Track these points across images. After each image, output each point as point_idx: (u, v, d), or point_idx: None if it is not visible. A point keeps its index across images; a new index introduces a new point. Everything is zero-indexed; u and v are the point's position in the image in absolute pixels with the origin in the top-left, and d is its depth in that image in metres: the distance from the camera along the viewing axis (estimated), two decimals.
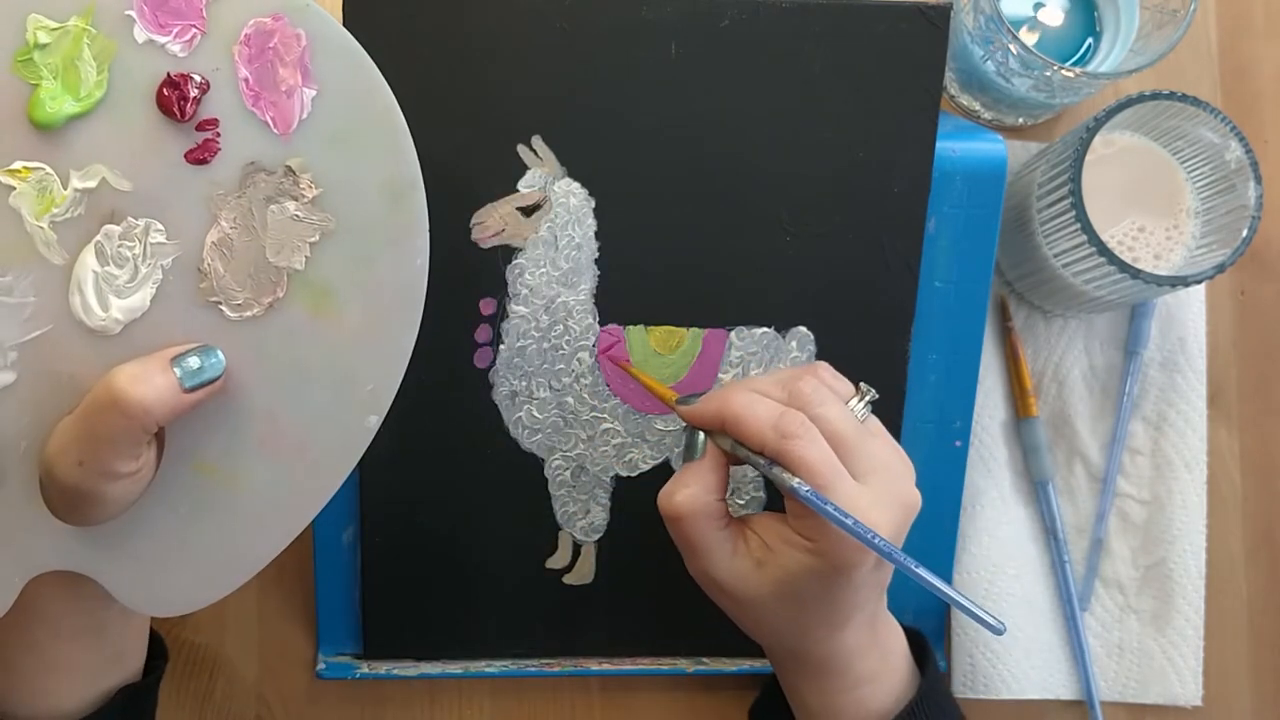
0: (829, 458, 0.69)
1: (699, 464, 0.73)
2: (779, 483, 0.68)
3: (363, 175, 0.66)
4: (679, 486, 0.72)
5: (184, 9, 0.63)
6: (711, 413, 0.72)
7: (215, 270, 0.65)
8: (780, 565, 0.70)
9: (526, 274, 0.84)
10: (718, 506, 0.72)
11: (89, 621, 0.71)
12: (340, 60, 0.65)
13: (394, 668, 0.90)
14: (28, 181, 0.62)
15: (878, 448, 0.72)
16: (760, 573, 0.71)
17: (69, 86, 0.62)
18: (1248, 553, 0.98)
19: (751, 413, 0.70)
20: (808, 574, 0.69)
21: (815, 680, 0.76)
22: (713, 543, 0.72)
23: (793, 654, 0.76)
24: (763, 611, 0.73)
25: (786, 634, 0.74)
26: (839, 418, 0.71)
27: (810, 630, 0.73)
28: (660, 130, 0.83)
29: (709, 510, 0.72)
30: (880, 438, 0.74)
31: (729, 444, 0.72)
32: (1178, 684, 0.95)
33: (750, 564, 0.71)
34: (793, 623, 0.73)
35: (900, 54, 0.83)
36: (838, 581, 0.69)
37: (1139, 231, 0.89)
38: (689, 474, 0.73)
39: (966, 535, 0.94)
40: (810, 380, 0.72)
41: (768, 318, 0.86)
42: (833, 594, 0.70)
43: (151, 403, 0.60)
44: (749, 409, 0.71)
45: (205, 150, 0.64)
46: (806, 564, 0.69)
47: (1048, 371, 0.96)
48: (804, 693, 0.77)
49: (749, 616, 0.74)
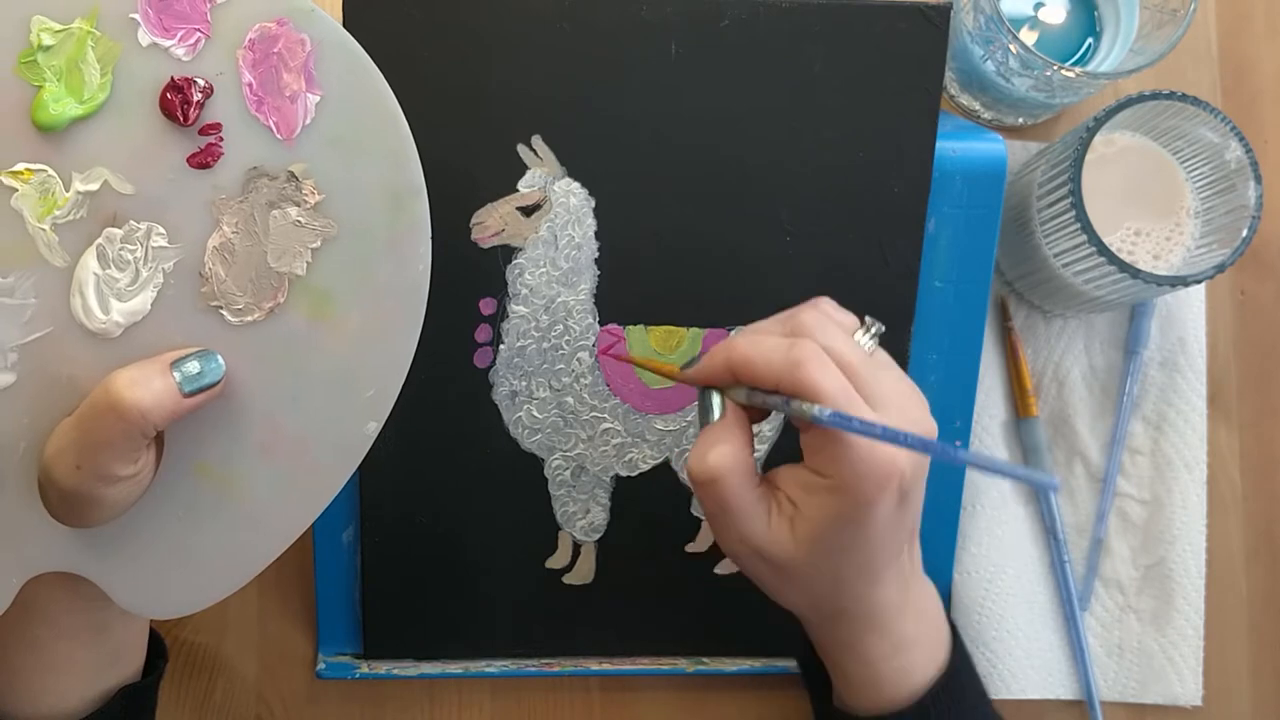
0: (843, 383, 0.66)
1: (721, 423, 0.71)
2: (800, 416, 0.65)
3: (366, 181, 0.66)
4: (708, 446, 0.69)
5: (188, 13, 0.63)
6: (719, 364, 0.70)
7: (216, 274, 0.65)
8: (808, 519, 0.68)
9: (526, 274, 0.84)
10: (749, 462, 0.70)
11: (89, 620, 0.71)
12: (344, 66, 0.65)
13: (394, 668, 0.90)
14: (30, 183, 0.62)
15: (889, 378, 0.70)
16: (794, 531, 0.69)
17: (72, 89, 0.62)
18: (1248, 552, 0.98)
19: (758, 351, 0.68)
20: (834, 519, 0.67)
21: (856, 646, 0.75)
22: (749, 504, 0.69)
23: (832, 618, 0.74)
24: (799, 574, 0.71)
25: (825, 594, 0.72)
26: (846, 348, 0.68)
27: (847, 584, 0.71)
28: (660, 130, 0.83)
29: (743, 467, 0.69)
30: (890, 369, 0.72)
31: (744, 394, 0.70)
32: (1178, 684, 0.95)
33: (786, 525, 0.69)
34: (830, 579, 0.71)
35: (900, 54, 0.83)
36: (863, 521, 0.67)
37: (1139, 231, 0.89)
38: (715, 434, 0.70)
39: (966, 535, 0.94)
40: (812, 313, 0.71)
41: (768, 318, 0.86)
42: (861, 538, 0.68)
43: (149, 407, 0.60)
44: (755, 348, 0.68)
45: (208, 154, 0.64)
46: (831, 507, 0.67)
47: (1048, 371, 0.97)
48: (846, 662, 0.76)
49: (785, 583, 0.72)
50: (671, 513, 0.89)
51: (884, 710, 0.76)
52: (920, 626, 0.76)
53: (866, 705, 0.77)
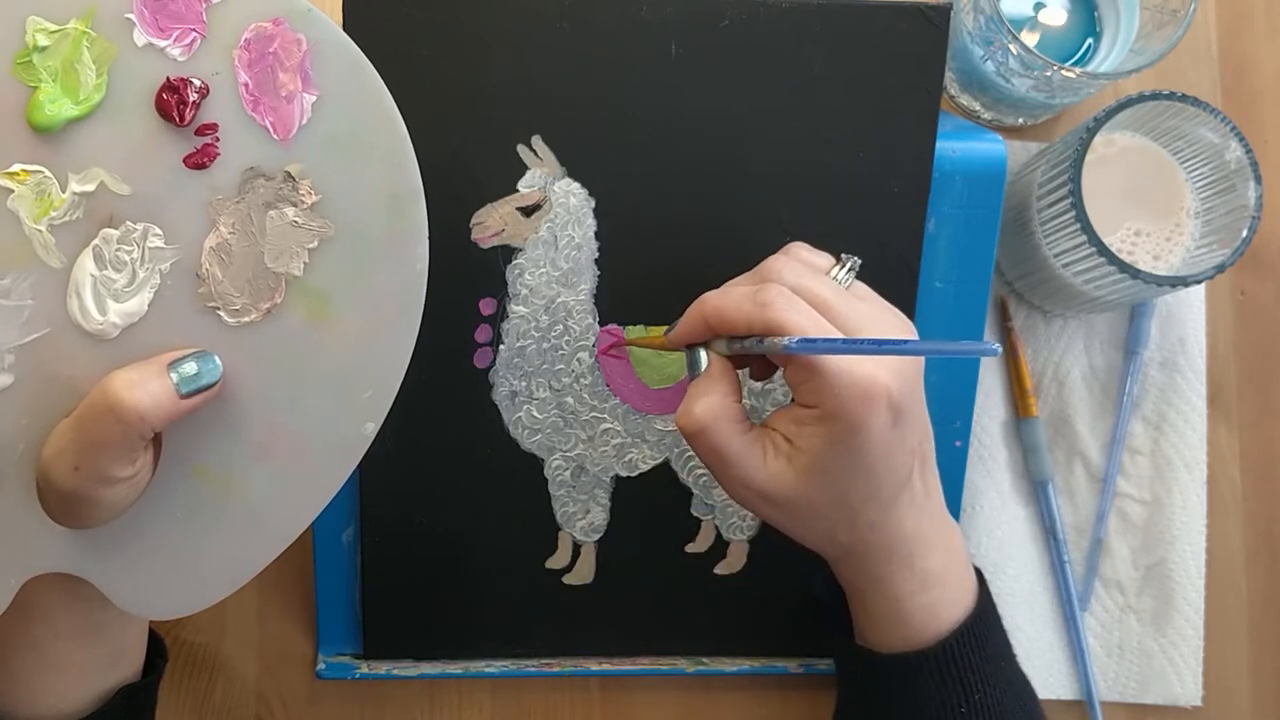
0: (813, 317, 0.68)
1: (704, 375, 0.73)
2: (772, 352, 0.68)
3: (363, 182, 0.66)
4: (693, 399, 0.71)
5: (184, 13, 0.63)
6: (695, 320, 0.72)
7: (213, 275, 0.65)
8: (804, 451, 0.69)
9: (526, 274, 0.84)
10: (736, 409, 0.71)
11: (88, 620, 0.71)
12: (341, 66, 0.65)
13: (394, 668, 0.90)
14: (26, 184, 0.62)
15: (864, 307, 0.72)
16: (793, 467, 0.70)
17: (68, 89, 0.62)
18: (1248, 553, 0.98)
19: (727, 300, 0.70)
20: (829, 447, 0.68)
21: (883, 580, 0.75)
22: (741, 448, 0.70)
23: (853, 550, 0.74)
24: (810, 509, 0.71)
25: (841, 526, 0.73)
26: (815, 284, 0.70)
27: (860, 512, 0.72)
28: (660, 130, 0.83)
29: (729, 414, 0.71)
30: (867, 299, 0.74)
31: (724, 345, 0.72)
32: (1178, 684, 0.95)
33: (783, 461, 0.70)
34: (842, 509, 0.71)
35: (900, 54, 0.83)
36: (858, 442, 0.68)
37: (1139, 232, 0.89)
38: (699, 386, 0.72)
39: (966, 535, 0.94)
40: (781, 258, 0.73)
41: None
42: (862, 461, 0.69)
43: (147, 408, 0.60)
44: (724, 298, 0.71)
45: (204, 155, 0.64)
46: (824, 435, 0.68)
47: (1048, 371, 0.96)
48: (871, 598, 0.77)
49: (798, 521, 0.73)
50: (671, 513, 0.89)
51: (909, 649, 0.76)
52: (948, 564, 0.76)
53: (891, 643, 0.77)
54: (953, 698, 0.75)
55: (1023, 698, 0.79)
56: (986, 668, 0.76)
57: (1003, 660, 0.79)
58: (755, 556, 0.90)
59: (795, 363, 0.68)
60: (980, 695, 0.75)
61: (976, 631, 0.76)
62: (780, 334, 0.67)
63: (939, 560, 0.75)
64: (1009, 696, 0.77)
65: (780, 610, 0.91)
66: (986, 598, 0.79)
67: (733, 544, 0.89)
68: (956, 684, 0.75)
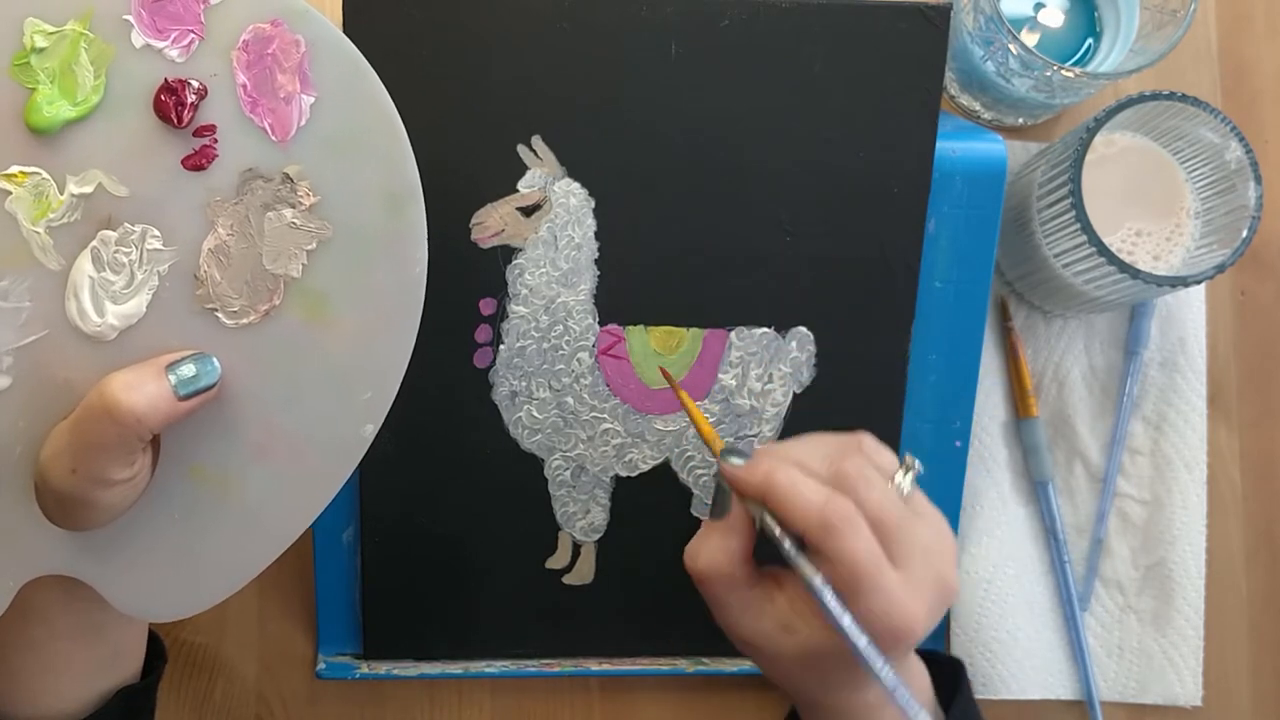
0: (872, 549, 0.65)
1: (724, 524, 0.70)
2: (801, 574, 0.65)
3: (361, 183, 0.66)
4: (701, 547, 0.69)
5: (182, 14, 0.63)
6: (756, 484, 0.68)
7: (212, 277, 0.65)
8: (806, 637, 0.67)
9: (526, 274, 0.84)
10: (742, 570, 0.69)
11: (87, 621, 0.71)
12: (340, 67, 0.65)
13: (394, 668, 0.90)
14: (24, 186, 0.62)
15: (921, 529, 0.69)
16: (786, 638, 0.68)
17: (66, 91, 0.62)
18: (1248, 553, 0.98)
19: (796, 493, 0.66)
20: (832, 654, 0.67)
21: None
22: (735, 604, 0.69)
23: (814, 705, 0.73)
24: (786, 669, 0.70)
25: (807, 692, 0.72)
26: (884, 501, 0.67)
27: (832, 691, 0.71)
28: (660, 130, 0.83)
29: (731, 574, 0.68)
30: (924, 517, 0.70)
31: (758, 511, 0.68)
32: (1177, 684, 0.95)
33: (775, 627, 0.68)
34: (816, 684, 0.71)
35: (900, 54, 0.83)
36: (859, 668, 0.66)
37: (1139, 232, 0.89)
38: (714, 535, 0.69)
39: (966, 535, 0.94)
40: (856, 460, 0.69)
41: (768, 318, 0.86)
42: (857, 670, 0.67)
43: (145, 411, 0.60)
44: (794, 489, 0.66)
45: (202, 156, 0.64)
46: (831, 644, 0.66)
47: (1048, 371, 0.96)
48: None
49: (771, 669, 0.71)
50: (671, 513, 0.89)
51: None
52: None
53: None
54: None
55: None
56: None
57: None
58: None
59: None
60: None
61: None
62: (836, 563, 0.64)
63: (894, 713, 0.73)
64: None
65: None
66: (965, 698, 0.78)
67: None
68: None
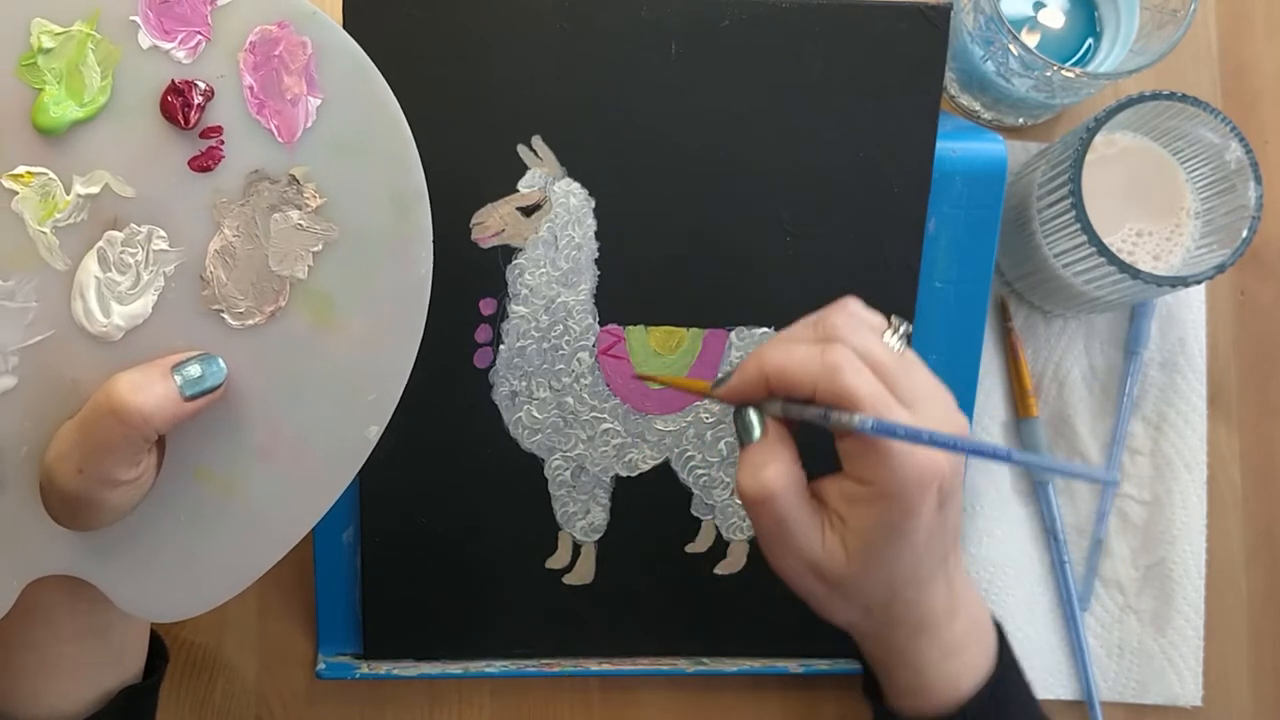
0: (877, 387, 0.66)
1: (765, 441, 0.70)
2: (840, 426, 0.65)
3: (367, 185, 0.66)
4: (760, 465, 0.69)
5: (189, 15, 0.63)
6: (753, 377, 0.69)
7: (217, 278, 0.65)
8: (856, 531, 0.68)
9: (526, 274, 0.84)
10: (801, 478, 0.69)
11: (90, 622, 0.71)
12: (346, 69, 0.65)
13: (394, 668, 0.90)
14: (30, 186, 0.62)
15: (919, 374, 0.70)
16: (845, 546, 0.69)
17: (73, 92, 0.62)
18: (1248, 553, 0.98)
19: (792, 359, 0.67)
20: (881, 529, 0.67)
21: (907, 653, 0.75)
22: (805, 519, 0.69)
23: (884, 625, 0.74)
24: (855, 588, 0.70)
25: (877, 604, 0.72)
26: (878, 349, 0.68)
27: (899, 591, 0.71)
28: (660, 130, 0.83)
29: (796, 484, 0.69)
30: (920, 368, 0.71)
31: (779, 407, 0.69)
32: (1178, 684, 0.95)
33: (837, 539, 0.69)
34: (882, 589, 0.71)
35: (900, 54, 0.83)
36: (909, 526, 0.67)
37: (1139, 232, 0.89)
38: (763, 452, 0.69)
39: (966, 535, 0.94)
40: (842, 314, 0.70)
41: (768, 318, 0.86)
42: (908, 545, 0.68)
43: (151, 411, 0.60)
44: (789, 357, 0.68)
45: (209, 158, 0.64)
46: (876, 517, 0.67)
47: (1048, 371, 0.97)
48: (895, 670, 0.76)
49: (840, 598, 0.72)
50: (671, 513, 0.89)
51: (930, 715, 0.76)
52: (969, 631, 0.76)
53: (914, 711, 0.77)
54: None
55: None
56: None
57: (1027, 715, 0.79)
58: (755, 556, 0.89)
59: (854, 437, 0.67)
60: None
61: (996, 694, 0.76)
62: (851, 406, 0.65)
63: (961, 628, 0.75)
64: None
65: (780, 610, 0.90)
66: (1009, 658, 0.79)
67: (733, 544, 0.89)
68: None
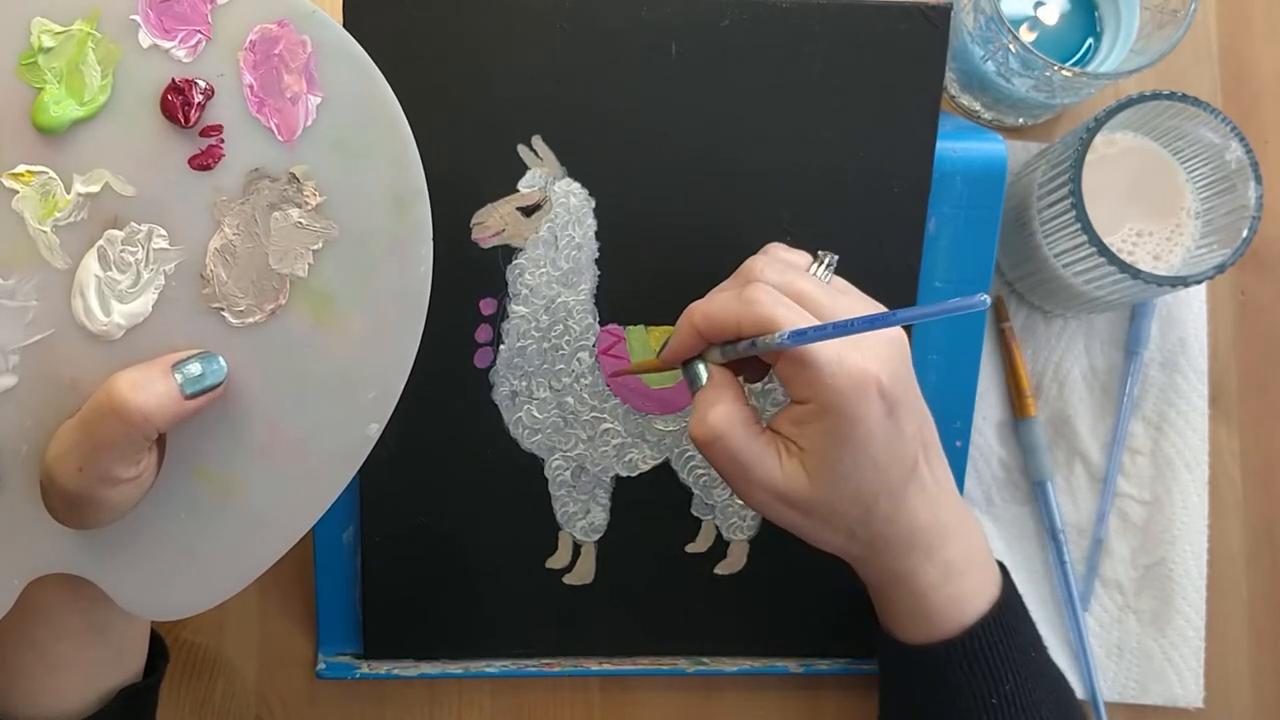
0: (798, 311, 0.69)
1: (709, 385, 0.73)
2: (764, 349, 0.68)
3: (367, 183, 0.66)
4: (704, 409, 0.71)
5: (189, 14, 0.63)
6: (685, 331, 0.73)
7: (218, 276, 0.65)
8: (810, 451, 0.70)
9: (526, 274, 0.84)
10: (747, 412, 0.72)
11: (90, 621, 0.71)
12: (346, 68, 0.65)
13: (394, 668, 0.90)
14: (31, 185, 0.62)
15: (846, 300, 0.72)
16: (805, 468, 0.71)
17: (73, 91, 0.62)
18: (1248, 553, 0.98)
19: (713, 305, 0.71)
20: (832, 442, 0.69)
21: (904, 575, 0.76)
22: (758, 450, 0.71)
23: (873, 546, 0.75)
24: (828, 509, 0.72)
25: (858, 524, 0.73)
26: (799, 280, 0.71)
27: (873, 507, 0.72)
28: (660, 130, 0.83)
29: (742, 417, 0.71)
30: (848, 292, 0.74)
31: (719, 354, 0.73)
32: (1178, 685, 0.95)
33: (795, 463, 0.71)
34: (856, 505, 0.72)
35: (900, 54, 0.83)
36: (858, 434, 0.69)
37: (1139, 232, 0.89)
38: (707, 396, 0.72)
39: None
40: (760, 258, 0.74)
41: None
42: (865, 452, 0.69)
43: (152, 409, 0.60)
44: (710, 304, 0.72)
45: (209, 156, 0.64)
46: (824, 431, 0.69)
47: (1048, 371, 0.97)
48: (896, 596, 0.77)
49: (817, 522, 0.73)
50: (671, 513, 0.89)
51: (936, 639, 0.77)
52: (968, 554, 0.77)
53: (919, 636, 0.78)
54: (983, 688, 0.76)
55: (1055, 689, 0.80)
56: (1016, 657, 0.77)
57: (1032, 650, 0.79)
58: (755, 556, 0.90)
59: (787, 357, 0.69)
60: (1011, 686, 0.76)
61: (1003, 621, 0.77)
62: (770, 330, 0.68)
63: (958, 550, 0.76)
64: (1040, 687, 0.78)
65: (780, 610, 0.91)
66: (1011, 589, 0.79)
67: (733, 544, 0.89)
68: (985, 674, 0.75)
